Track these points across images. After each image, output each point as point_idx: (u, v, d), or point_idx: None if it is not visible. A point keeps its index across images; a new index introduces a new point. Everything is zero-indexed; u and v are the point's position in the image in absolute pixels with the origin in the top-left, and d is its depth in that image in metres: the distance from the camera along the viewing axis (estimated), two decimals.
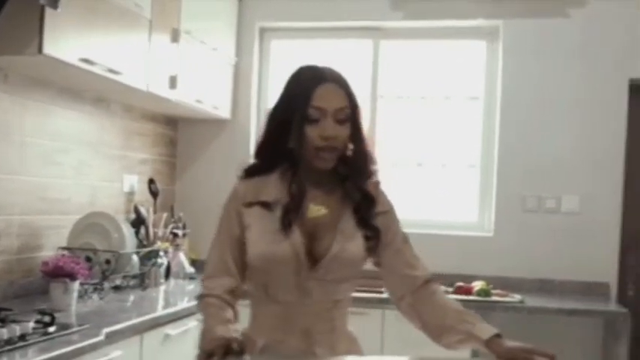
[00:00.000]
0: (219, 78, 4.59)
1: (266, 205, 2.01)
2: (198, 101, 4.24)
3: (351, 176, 2.05)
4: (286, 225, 1.96)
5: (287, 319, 1.99)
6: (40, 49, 2.74)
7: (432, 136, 4.81)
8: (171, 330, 3.20)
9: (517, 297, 3.99)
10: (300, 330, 1.99)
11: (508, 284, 4.28)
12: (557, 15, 4.46)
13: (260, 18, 4.88)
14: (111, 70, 3.23)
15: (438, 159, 4.80)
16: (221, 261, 2.04)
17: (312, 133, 1.95)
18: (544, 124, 4.49)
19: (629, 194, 4.44)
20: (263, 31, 4.97)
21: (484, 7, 4.56)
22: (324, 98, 1.96)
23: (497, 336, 1.98)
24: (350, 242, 2.02)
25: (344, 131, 1.98)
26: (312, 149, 1.96)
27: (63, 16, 2.81)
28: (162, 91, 3.80)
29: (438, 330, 2.07)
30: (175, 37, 3.89)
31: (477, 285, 4.04)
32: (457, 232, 4.63)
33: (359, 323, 3.79)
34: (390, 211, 2.16)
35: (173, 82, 3.88)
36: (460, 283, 4.09)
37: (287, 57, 4.97)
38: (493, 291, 4.02)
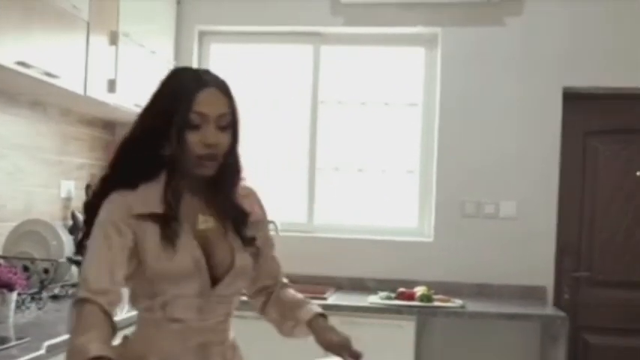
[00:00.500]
0: (157, 82, 4.50)
1: (158, 218, 1.88)
2: (137, 105, 4.12)
3: (221, 188, 1.97)
4: (173, 238, 1.87)
5: (184, 336, 1.91)
6: None
7: (372, 142, 4.83)
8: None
9: (458, 302, 4.04)
10: (197, 345, 1.92)
11: (449, 289, 4.32)
12: (494, 24, 4.54)
13: (199, 21, 4.82)
14: (48, 74, 3.14)
15: (378, 164, 4.82)
16: (107, 273, 1.81)
17: (194, 139, 1.85)
18: (482, 131, 4.56)
19: (564, 200, 4.54)
20: (202, 34, 4.91)
21: (423, 15, 4.61)
22: (206, 104, 1.86)
23: (322, 316, 2.04)
24: (243, 253, 1.98)
25: (225, 138, 1.90)
26: (193, 157, 1.86)
27: None
28: (101, 95, 3.72)
29: (278, 321, 2.11)
30: (114, 39, 3.80)
31: (419, 290, 4.07)
32: (397, 238, 4.66)
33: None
34: (263, 220, 2.12)
35: (112, 86, 3.79)
36: (402, 289, 4.11)
37: (227, 61, 4.93)
38: (435, 296, 4.05)
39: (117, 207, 1.87)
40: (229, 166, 1.95)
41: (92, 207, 1.92)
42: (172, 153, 1.86)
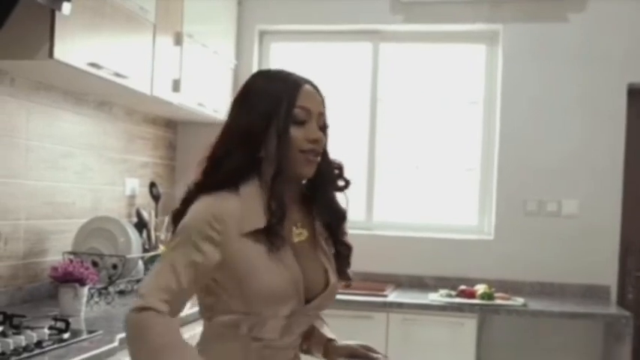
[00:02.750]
0: (219, 81, 4.58)
1: (261, 232, 1.73)
2: (200, 104, 4.22)
3: (324, 189, 1.89)
4: (278, 256, 1.74)
5: (263, 355, 1.79)
6: (50, 54, 2.73)
7: (432, 140, 4.83)
8: None
9: (520, 300, 4.01)
10: None
11: (509, 287, 4.30)
12: (556, 19, 4.49)
13: (260, 21, 4.87)
14: (117, 74, 3.21)
15: (438, 162, 4.81)
16: (179, 291, 1.69)
17: (298, 135, 1.77)
18: (544, 128, 4.52)
19: (628, 198, 4.47)
20: (262, 34, 4.96)
21: (484, 12, 4.58)
22: (309, 99, 1.81)
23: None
24: (334, 270, 1.88)
25: (325, 138, 1.84)
26: (297, 153, 1.77)
27: (72, 21, 2.79)
28: (166, 94, 3.79)
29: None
30: (178, 40, 3.87)
31: (480, 288, 4.05)
32: (457, 236, 4.65)
33: (364, 326, 3.84)
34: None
35: (176, 86, 3.86)
36: (463, 287, 4.10)
37: (286, 60, 4.97)
38: (495, 294, 4.03)
39: (218, 215, 1.72)
40: (326, 167, 1.87)
41: (182, 216, 1.78)
42: (276, 152, 1.76)
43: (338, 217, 1.92)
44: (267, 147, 1.77)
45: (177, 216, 1.80)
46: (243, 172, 1.77)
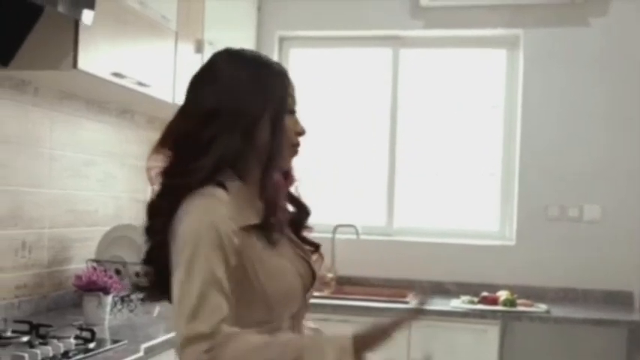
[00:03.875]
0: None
1: (259, 228, 1.61)
2: None
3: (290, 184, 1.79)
4: (277, 248, 1.63)
5: None
6: (74, 65, 2.74)
7: (452, 145, 4.81)
8: None
9: (543, 307, 3.99)
10: None
11: (531, 293, 4.27)
12: (578, 24, 4.47)
13: (279, 27, 4.88)
14: (140, 83, 3.23)
15: (458, 167, 4.80)
16: (224, 303, 1.47)
17: (290, 124, 1.68)
18: (565, 133, 4.50)
19: None
20: (282, 39, 4.97)
21: (504, 16, 4.57)
22: (293, 88, 1.72)
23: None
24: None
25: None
26: (288, 144, 1.69)
27: (95, 31, 2.80)
28: None
29: None
30: (199, 47, 3.88)
31: (503, 295, 4.03)
32: (478, 241, 4.63)
33: None
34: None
35: None
36: (485, 293, 4.08)
37: (306, 66, 4.98)
38: (518, 301, 4.01)
39: (222, 216, 1.54)
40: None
41: (163, 213, 1.59)
42: (271, 141, 1.63)
43: (302, 212, 1.81)
44: (259, 135, 1.64)
45: (157, 211, 1.62)
46: (237, 160, 1.62)
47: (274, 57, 4.87)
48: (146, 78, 3.27)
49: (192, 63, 3.75)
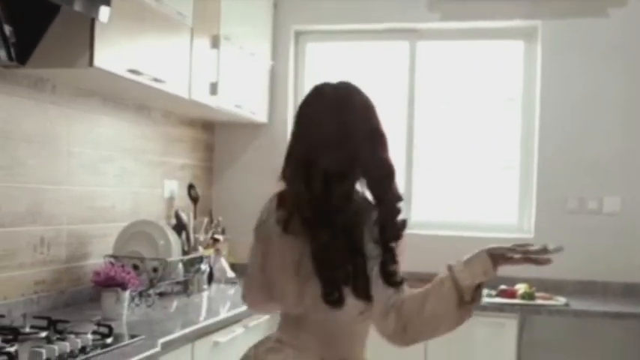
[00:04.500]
0: (256, 82, 4.59)
1: None
2: (238, 106, 4.24)
3: None
4: None
5: None
6: (90, 62, 2.75)
7: (470, 138, 4.79)
8: (220, 337, 3.21)
9: (562, 300, 3.97)
10: None
11: (549, 286, 4.23)
12: (597, 15, 4.43)
13: (295, 21, 4.88)
14: (156, 80, 3.24)
15: (476, 160, 4.78)
16: None
17: None
18: (584, 125, 4.47)
19: None
20: (298, 34, 4.97)
21: (522, 8, 4.53)
22: None
23: None
24: None
25: None
26: None
27: (111, 29, 2.82)
28: (204, 97, 3.81)
29: None
30: (215, 43, 3.89)
31: (521, 288, 4.02)
32: (497, 234, 4.59)
33: None
34: None
35: (214, 89, 3.88)
36: (503, 286, 4.06)
37: (322, 60, 4.97)
38: (536, 294, 3.99)
39: None
40: None
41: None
42: None
43: None
44: None
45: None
46: None
47: (290, 52, 4.87)
48: (162, 74, 3.28)
49: (209, 58, 3.79)
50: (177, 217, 4.04)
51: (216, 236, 4.31)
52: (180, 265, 3.76)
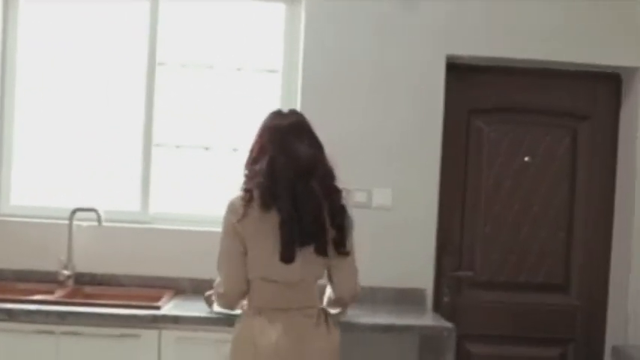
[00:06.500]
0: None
1: None
2: None
3: None
4: None
5: None
6: None
7: (222, 114, 4.01)
8: None
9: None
10: None
11: None
12: None
13: None
14: None
15: (229, 142, 4.01)
16: None
17: None
18: (352, 105, 3.84)
19: (444, 188, 3.91)
20: None
21: None
22: None
23: None
24: None
25: None
26: None
27: None
28: None
29: None
30: None
31: None
32: None
33: (127, 348, 2.99)
34: None
35: None
36: None
37: (40, 23, 4.00)
38: None
39: None
40: None
41: None
42: None
43: None
44: None
45: None
46: None
47: None
48: None
49: None
50: None
51: None
52: None
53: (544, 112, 4.04)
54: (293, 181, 2.61)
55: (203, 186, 4.01)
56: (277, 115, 2.81)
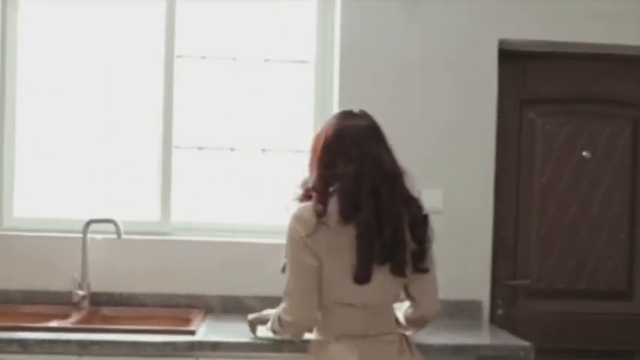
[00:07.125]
0: None
1: None
2: None
3: None
4: None
5: None
6: None
7: (249, 112, 3.64)
8: None
9: None
10: None
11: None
12: None
13: None
14: None
15: (257, 141, 3.63)
16: None
17: None
18: (395, 98, 3.48)
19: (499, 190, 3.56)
20: None
21: None
22: None
23: None
24: None
25: None
26: None
27: None
28: None
29: None
30: None
31: None
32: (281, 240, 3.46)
33: None
34: None
35: None
36: None
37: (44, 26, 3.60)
38: None
39: None
40: None
41: None
42: None
43: None
44: None
45: None
46: None
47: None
48: None
49: None
50: None
51: None
52: None
53: (602, 102, 3.70)
54: (378, 188, 2.29)
55: (229, 191, 3.62)
56: (350, 115, 2.48)
